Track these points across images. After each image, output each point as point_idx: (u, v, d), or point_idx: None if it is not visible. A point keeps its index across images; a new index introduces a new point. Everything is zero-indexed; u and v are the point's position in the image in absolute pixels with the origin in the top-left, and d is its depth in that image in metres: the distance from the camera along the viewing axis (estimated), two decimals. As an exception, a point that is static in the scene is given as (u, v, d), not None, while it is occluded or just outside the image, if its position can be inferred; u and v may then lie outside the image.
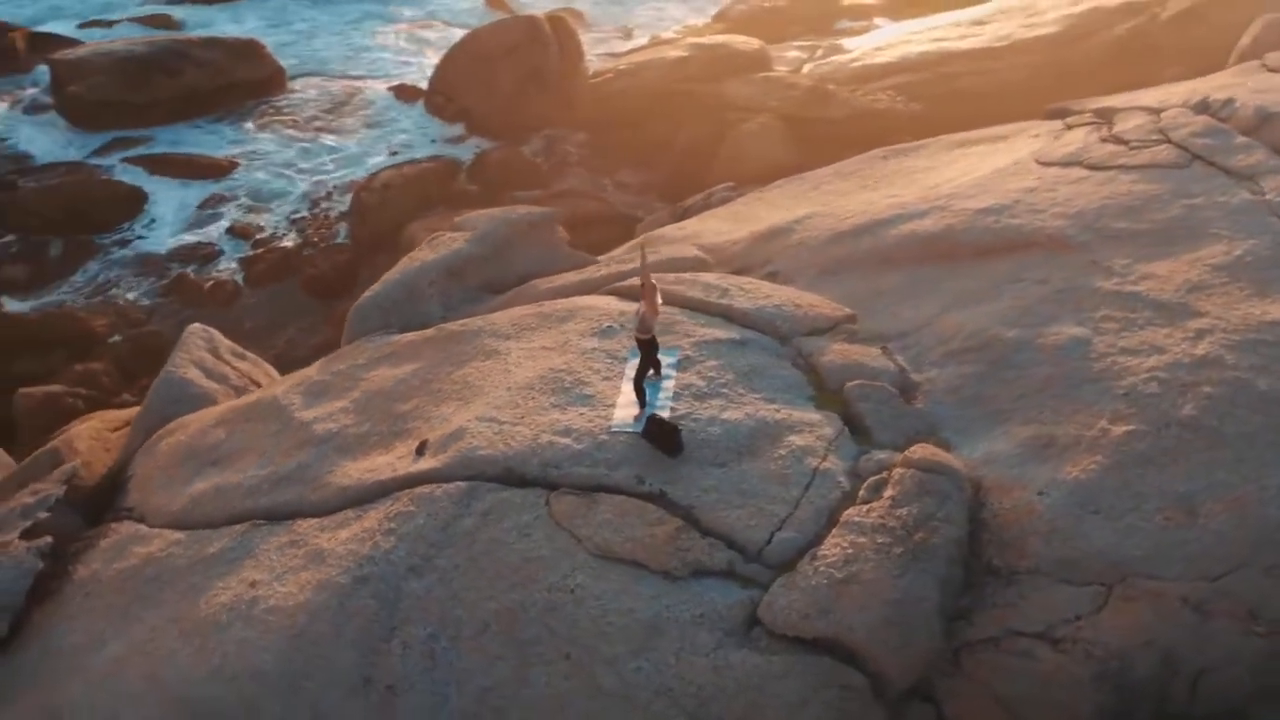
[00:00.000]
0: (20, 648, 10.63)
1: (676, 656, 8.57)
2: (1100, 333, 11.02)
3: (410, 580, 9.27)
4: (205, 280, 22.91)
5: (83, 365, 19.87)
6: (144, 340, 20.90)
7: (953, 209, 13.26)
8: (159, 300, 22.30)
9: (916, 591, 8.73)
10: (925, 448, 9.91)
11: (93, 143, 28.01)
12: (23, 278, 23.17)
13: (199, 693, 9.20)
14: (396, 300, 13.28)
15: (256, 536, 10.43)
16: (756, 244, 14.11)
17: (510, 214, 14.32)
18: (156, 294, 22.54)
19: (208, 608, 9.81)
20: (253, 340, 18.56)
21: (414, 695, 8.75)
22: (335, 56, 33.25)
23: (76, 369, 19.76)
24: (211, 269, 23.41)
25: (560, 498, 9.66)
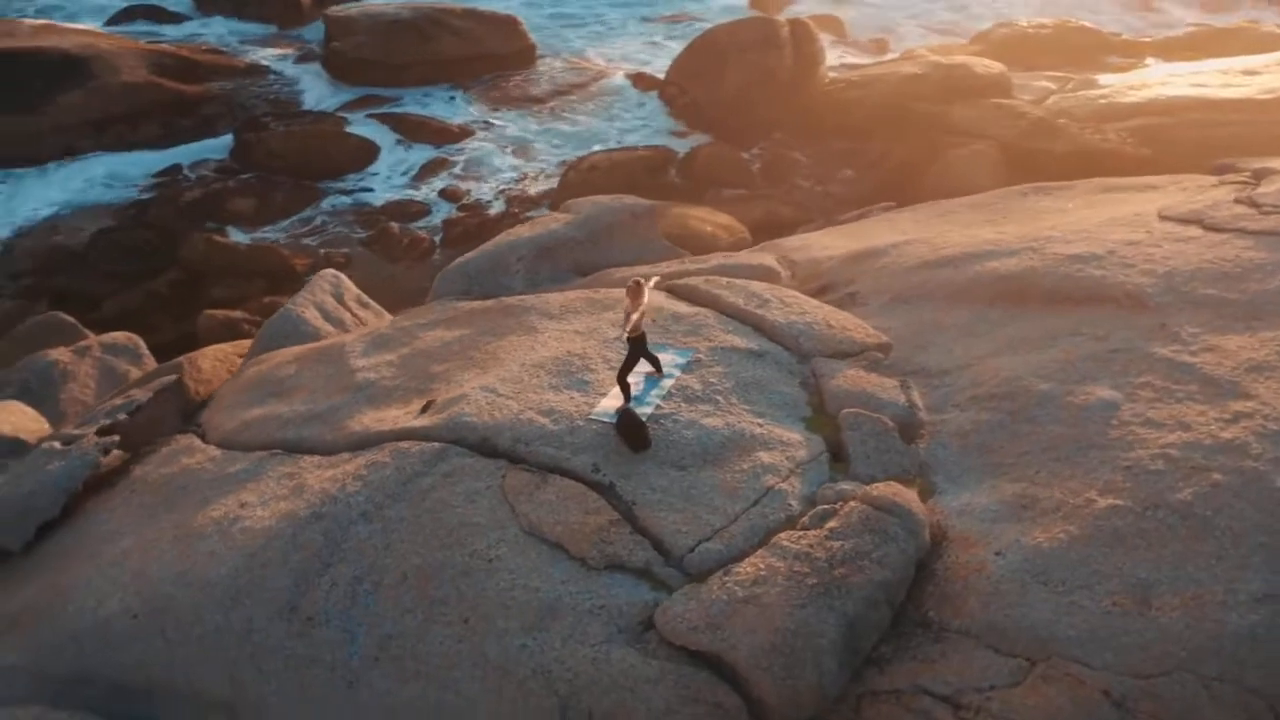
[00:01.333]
0: (65, 529, 11.77)
1: (563, 642, 8.68)
2: (1132, 399, 10.28)
3: (358, 525, 9.76)
4: (405, 236, 24.30)
5: (270, 298, 21.55)
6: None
7: (1043, 251, 12.60)
8: (359, 249, 23.85)
9: (813, 625, 8.49)
10: (891, 486, 9.58)
11: (345, 96, 30.13)
12: (249, 211, 25.29)
13: (163, 590, 9.98)
14: (481, 269, 13.83)
15: (269, 464, 11.17)
16: (848, 263, 13.83)
17: (614, 202, 14.59)
18: (359, 243, 24.11)
19: (201, 519, 10.60)
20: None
21: (327, 629, 9.21)
22: (587, 40, 34.30)
23: (264, 300, 21.45)
24: (415, 226, 24.77)
25: (516, 473, 9.92)
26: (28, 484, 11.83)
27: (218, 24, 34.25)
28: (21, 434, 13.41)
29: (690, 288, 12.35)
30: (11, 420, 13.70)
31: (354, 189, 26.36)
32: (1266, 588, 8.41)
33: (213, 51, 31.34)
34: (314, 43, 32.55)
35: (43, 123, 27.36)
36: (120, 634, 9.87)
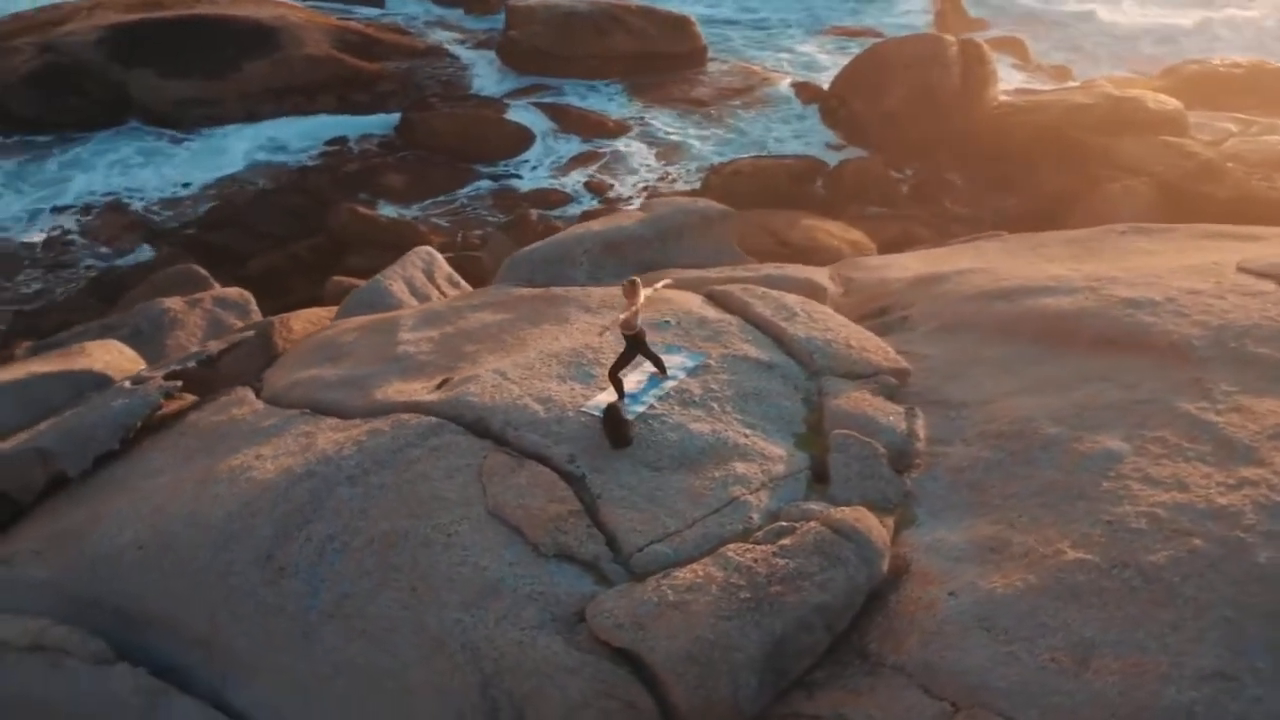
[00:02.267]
0: (119, 462, 12.60)
1: (496, 621, 8.88)
2: (1139, 453, 9.80)
3: (344, 486, 10.17)
4: (541, 224, 24.87)
5: (399, 270, 22.42)
6: (463, 263, 23.14)
7: (1101, 292, 12.08)
8: (495, 232, 24.54)
9: (733, 639, 8.45)
10: (856, 512, 9.41)
11: (512, 84, 31.03)
12: (401, 187, 26.36)
13: (170, 528, 10.63)
14: (547, 259, 14.12)
15: (296, 422, 11.73)
16: (913, 286, 13.55)
17: (689, 204, 14.66)
18: (497, 226, 24.82)
19: (222, 466, 11.23)
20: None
21: (294, 581, 9.67)
22: (761, 46, 34.27)
23: (392, 272, 22.33)
24: (553, 215, 25.33)
25: (497, 455, 10.17)
26: (92, 417, 12.71)
27: (412, 6, 35.62)
28: (111, 371, 14.37)
29: (725, 293, 12.35)
30: (106, 358, 14.70)
31: (503, 174, 27.14)
32: (1217, 665, 7.95)
33: (396, 31, 32.73)
34: (496, 30, 33.57)
35: (230, 88, 29.11)
36: (127, 564, 10.55)
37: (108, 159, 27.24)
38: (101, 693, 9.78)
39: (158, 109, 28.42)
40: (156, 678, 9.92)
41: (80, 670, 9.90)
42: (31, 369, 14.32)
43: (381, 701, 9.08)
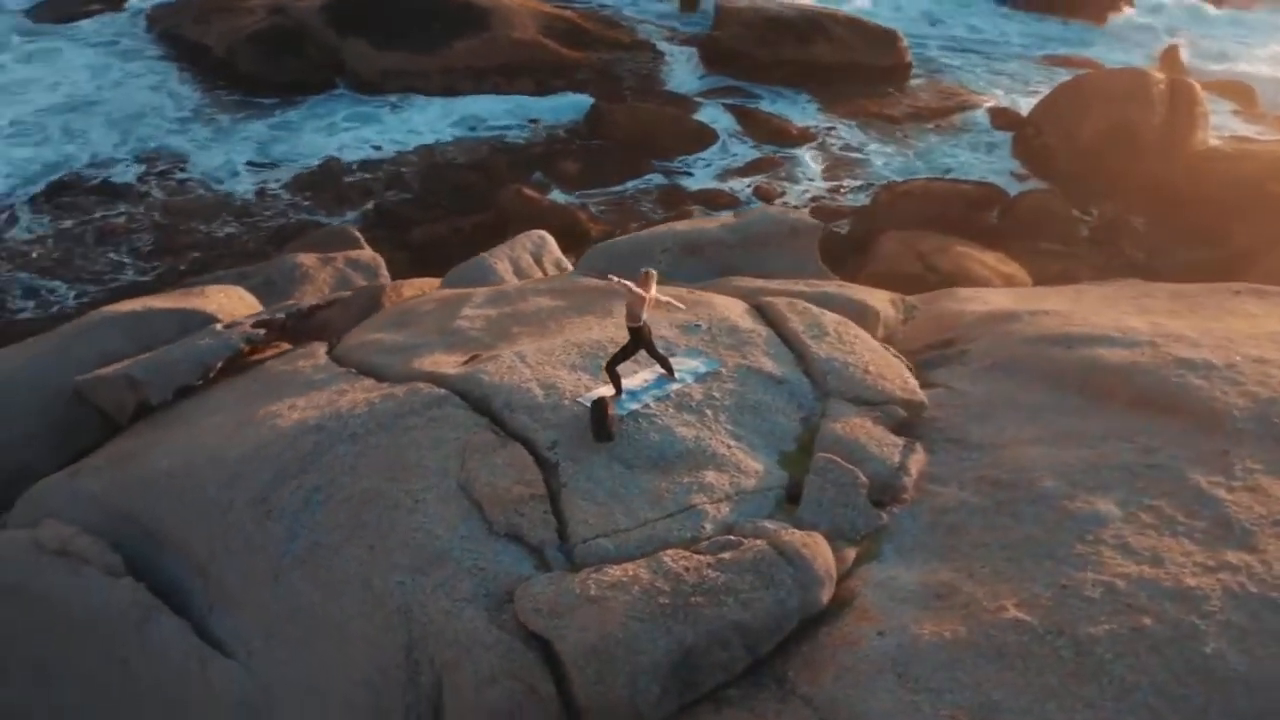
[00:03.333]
0: (196, 396, 13.49)
1: (433, 589, 9.19)
2: (1128, 520, 9.26)
3: (344, 443, 10.67)
4: (696, 224, 24.99)
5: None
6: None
7: (1161, 349, 11.38)
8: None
9: (640, 643, 8.47)
10: (809, 537, 9.25)
11: (706, 83, 31.23)
12: (574, 173, 27.02)
13: (198, 460, 11.39)
14: (624, 254, 14.29)
15: (339, 380, 12.31)
16: (984, 322, 13.07)
17: (778, 214, 14.54)
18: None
19: (262, 411, 11.93)
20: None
21: (277, 525, 10.23)
22: (969, 68, 33.22)
23: (540, 252, 22.93)
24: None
25: (484, 433, 10.45)
26: (179, 353, 13.67)
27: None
28: (220, 314, 15.37)
29: (768, 305, 12.25)
30: (221, 301, 15.73)
31: (677, 170, 27.40)
32: (1118, 753, 7.50)
33: (607, 22, 33.40)
34: (704, 30, 33.82)
35: (435, 63, 30.46)
36: (158, 488, 11.36)
37: (316, 121, 28.98)
38: (106, 602, 10.57)
39: (366, 77, 30.00)
40: (157, 596, 10.63)
41: (93, 579, 10.72)
42: (150, 304, 15.48)
43: (325, 649, 9.53)
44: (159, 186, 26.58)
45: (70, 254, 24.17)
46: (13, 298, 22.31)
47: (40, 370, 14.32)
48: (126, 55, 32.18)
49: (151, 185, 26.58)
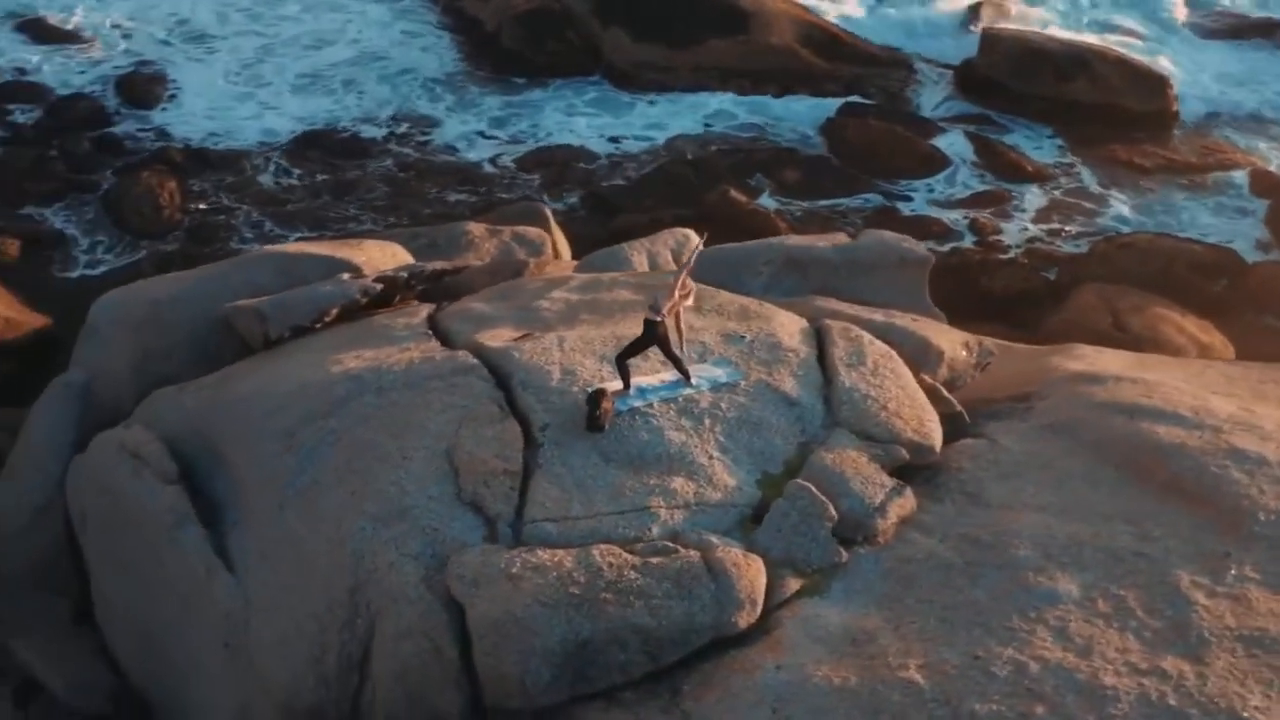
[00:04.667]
0: (307, 337, 14.36)
1: (386, 541, 9.73)
2: (1082, 604, 8.73)
3: (369, 395, 11.31)
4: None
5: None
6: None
7: (1221, 436, 10.47)
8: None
9: (538, 625, 8.70)
10: (747, 559, 9.18)
11: (955, 109, 30.25)
12: (791, 183, 26.84)
13: (263, 389, 12.34)
14: (728, 260, 14.31)
15: (413, 340, 12.86)
16: (1068, 381, 12.31)
17: (890, 240, 14.14)
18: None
19: (332, 357, 12.56)
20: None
21: (292, 459, 11.01)
22: (1244, 126, 30.47)
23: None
24: (931, 243, 24.71)
25: (489, 406, 10.82)
26: (302, 295, 14.69)
27: (900, 10, 34.99)
28: (367, 266, 16.41)
29: (825, 328, 12.02)
30: (372, 254, 16.74)
31: (897, 193, 26.80)
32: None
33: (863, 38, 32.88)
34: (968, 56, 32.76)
35: (687, 59, 30.95)
36: (226, 410, 12.42)
37: (560, 103, 30.01)
38: (155, 504, 11.64)
39: (620, 67, 30.80)
40: (207, 507, 11.58)
41: (150, 482, 11.84)
42: (305, 248, 16.71)
43: (294, 580, 10.23)
44: (403, 146, 28.29)
45: (308, 202, 26.12)
46: (242, 237, 24.34)
47: (200, 294, 15.69)
48: (409, 16, 34.30)
49: (396, 144, 28.33)
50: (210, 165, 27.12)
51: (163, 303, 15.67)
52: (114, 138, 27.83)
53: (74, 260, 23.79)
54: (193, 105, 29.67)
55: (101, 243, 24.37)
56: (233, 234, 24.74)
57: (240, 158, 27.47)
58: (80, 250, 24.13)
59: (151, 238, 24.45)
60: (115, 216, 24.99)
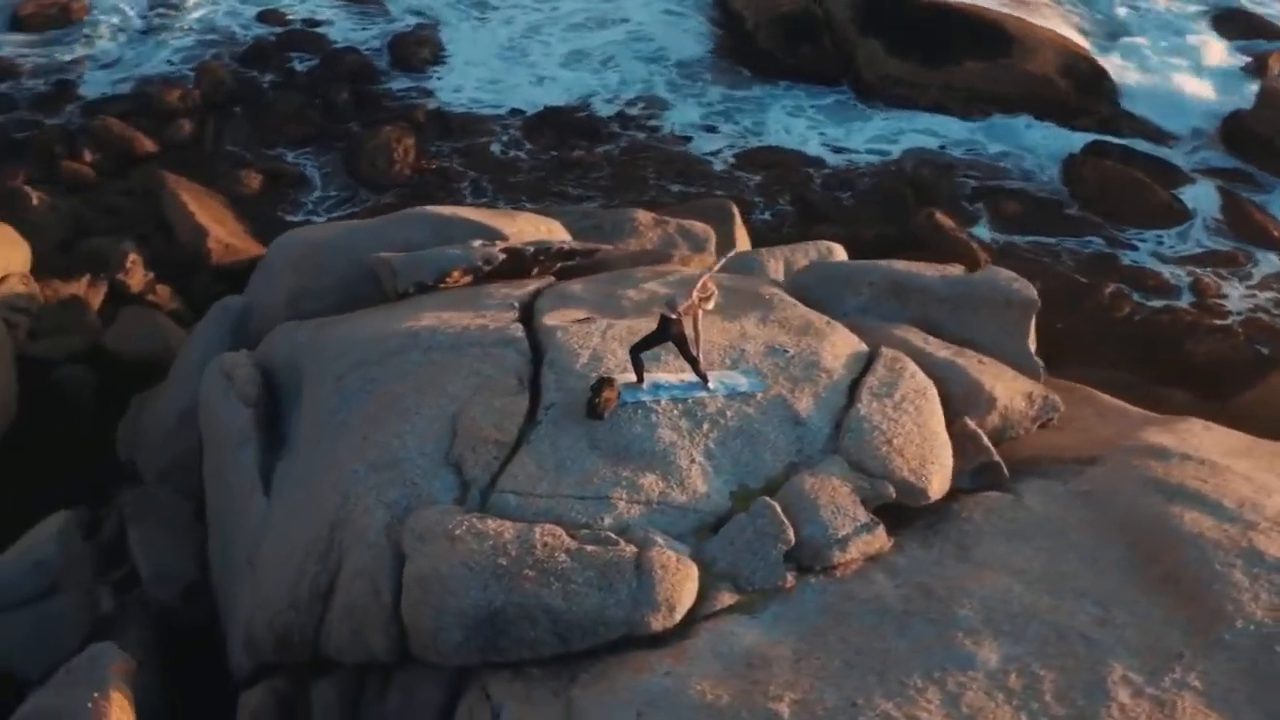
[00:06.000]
0: (426, 294, 15.17)
1: (369, 487, 10.36)
2: (993, 677, 8.34)
3: (415, 352, 11.91)
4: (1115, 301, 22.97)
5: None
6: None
7: (1250, 532, 9.56)
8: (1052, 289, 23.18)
9: (455, 587, 9.08)
10: (679, 563, 9.19)
11: (1213, 161, 28.08)
12: (1012, 214, 25.57)
13: (344, 336, 13.05)
14: (833, 276, 14.04)
15: (494, 309, 13.29)
16: (1130, 453, 11.48)
17: (1001, 280, 13.46)
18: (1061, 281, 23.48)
19: (414, 314, 13.25)
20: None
21: (335, 399, 11.79)
22: None
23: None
24: (1133, 295, 23.26)
25: (509, 379, 11.21)
26: (431, 256, 15.42)
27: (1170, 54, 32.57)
28: (515, 237, 17.09)
29: (878, 352, 11.75)
30: (523, 226, 17.32)
31: (1122, 240, 25.25)
32: None
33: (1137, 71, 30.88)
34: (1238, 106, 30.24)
35: (938, 77, 30.12)
36: (315, 346, 13.29)
37: (795, 107, 29.87)
38: (231, 422, 12.71)
39: (868, 78, 30.26)
40: (270, 429, 12.53)
41: (232, 402, 12.92)
42: (460, 212, 17.55)
43: (300, 510, 11.02)
44: (635, 130, 28.98)
45: (532, 175, 27.22)
46: (460, 200, 25.43)
47: (357, 242, 16.77)
48: (684, 4, 34.95)
49: (629, 128, 29.05)
50: (450, 129, 28.62)
51: (323, 245, 16.86)
52: (372, 93, 29.79)
53: (305, 202, 25.75)
54: (456, 72, 31.36)
55: (333, 188, 26.26)
56: (454, 196, 25.95)
57: (480, 126, 28.87)
58: (313, 193, 26.10)
59: (378, 190, 26.11)
60: (351, 166, 26.84)
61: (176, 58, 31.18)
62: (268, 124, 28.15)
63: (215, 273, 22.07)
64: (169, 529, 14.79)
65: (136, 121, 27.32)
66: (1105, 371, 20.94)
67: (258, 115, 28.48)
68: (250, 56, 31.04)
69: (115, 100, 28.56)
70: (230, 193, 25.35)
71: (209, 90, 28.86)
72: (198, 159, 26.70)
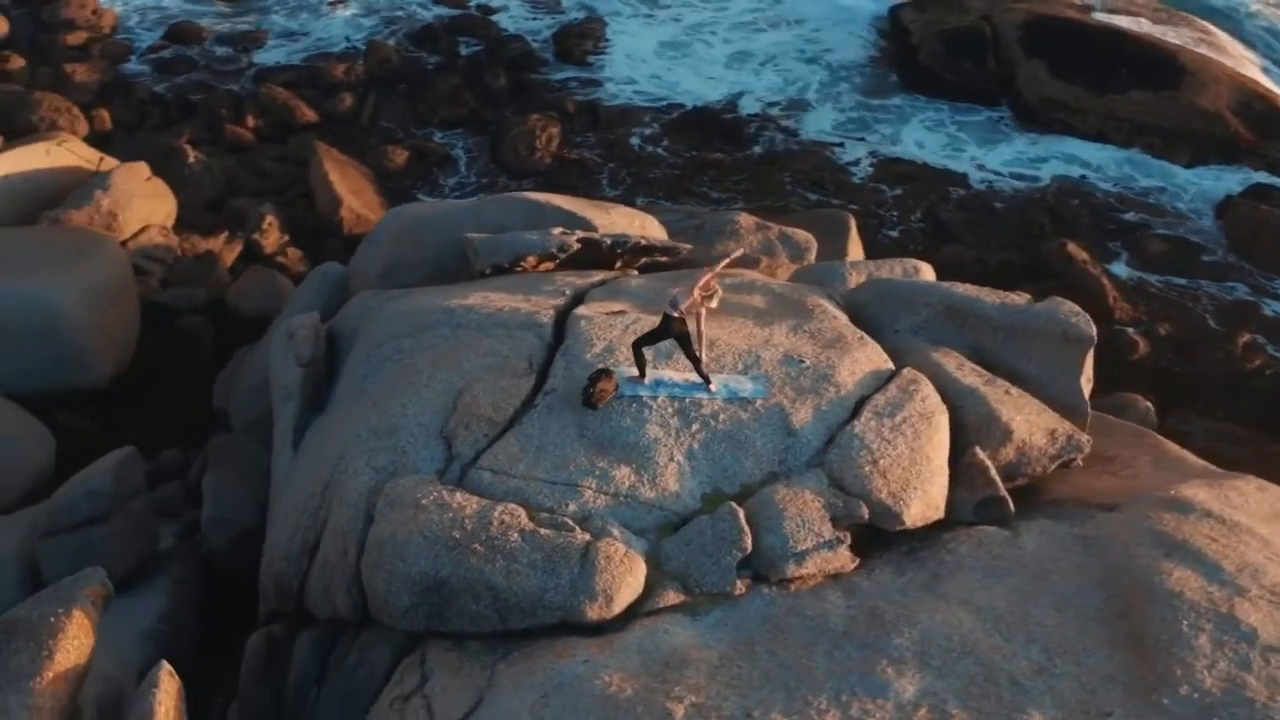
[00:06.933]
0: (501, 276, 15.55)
1: (363, 450, 10.77)
2: (902, 709, 8.12)
3: (444, 327, 12.29)
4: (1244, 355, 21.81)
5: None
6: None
7: (1239, 597, 8.92)
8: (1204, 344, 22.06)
9: (407, 554, 9.45)
10: (627, 556, 9.29)
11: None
12: (1154, 253, 24.45)
13: (399, 310, 13.51)
14: (892, 294, 13.68)
15: (545, 294, 13.60)
16: (1158, 502, 10.92)
17: (1060, 315, 12.91)
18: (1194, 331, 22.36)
19: (468, 292, 13.67)
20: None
21: (365, 365, 12.29)
22: None
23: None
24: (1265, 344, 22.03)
25: (521, 362, 11.45)
26: (509, 240, 15.72)
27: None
28: (606, 229, 17.35)
29: (897, 373, 11.54)
30: (616, 219, 17.56)
31: (1265, 289, 23.81)
32: None
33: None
34: None
35: (1100, 105, 28.95)
36: (374, 315, 13.77)
37: (950, 125, 29.28)
38: (283, 379, 13.35)
39: (1028, 100, 29.25)
40: (308, 389, 13.08)
41: (288, 360, 13.51)
42: (554, 200, 17.89)
43: (310, 468, 11.49)
44: (778, 133, 28.93)
45: (670, 171, 27.46)
46: (597, 191, 25.88)
47: (454, 220, 17.36)
48: (853, 11, 34.71)
49: (772, 130, 29.02)
50: (598, 121, 29.15)
51: (422, 221, 17.49)
52: (530, 81, 30.59)
53: (444, 183, 26.62)
54: (615, 65, 31.98)
55: (475, 171, 27.09)
56: (591, 187, 26.44)
57: (628, 120, 29.32)
58: (455, 173, 26.98)
59: (517, 175, 26.78)
60: (495, 150, 27.58)
61: (357, 34, 32.57)
62: (423, 103, 29.18)
63: (345, 241, 23.01)
64: (241, 478, 15.51)
65: (301, 91, 28.67)
66: (1221, 424, 20.01)
67: (415, 94, 29.53)
68: (420, 36, 32.18)
69: (285, 70, 30.05)
70: (377, 166, 26.42)
71: (374, 66, 30.04)
72: (353, 132, 27.93)
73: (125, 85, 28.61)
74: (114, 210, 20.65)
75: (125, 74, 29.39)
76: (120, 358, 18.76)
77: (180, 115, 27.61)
